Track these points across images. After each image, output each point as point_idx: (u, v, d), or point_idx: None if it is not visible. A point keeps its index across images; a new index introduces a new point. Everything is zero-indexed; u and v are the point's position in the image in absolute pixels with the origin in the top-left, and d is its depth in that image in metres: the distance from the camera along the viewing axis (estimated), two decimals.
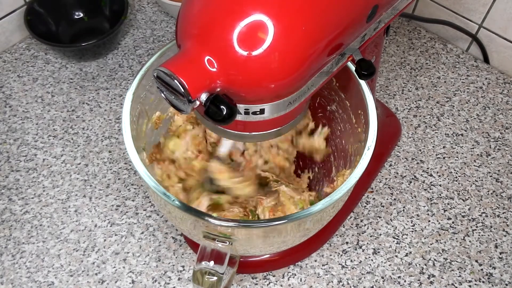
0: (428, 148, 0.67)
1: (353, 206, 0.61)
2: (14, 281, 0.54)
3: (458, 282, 0.55)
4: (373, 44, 0.49)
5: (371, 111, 0.43)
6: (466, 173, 0.64)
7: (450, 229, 0.59)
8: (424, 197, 0.62)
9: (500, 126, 0.69)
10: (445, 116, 0.71)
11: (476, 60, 0.78)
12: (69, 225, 0.59)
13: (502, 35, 0.74)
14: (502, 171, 0.65)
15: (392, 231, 0.59)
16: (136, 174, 0.63)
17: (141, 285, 0.54)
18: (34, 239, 0.57)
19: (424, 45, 0.80)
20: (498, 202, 0.62)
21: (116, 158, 0.65)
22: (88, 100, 0.71)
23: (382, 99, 0.73)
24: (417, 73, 0.76)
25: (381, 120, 0.47)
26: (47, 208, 0.60)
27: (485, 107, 0.72)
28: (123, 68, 0.76)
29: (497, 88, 0.74)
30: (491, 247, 0.58)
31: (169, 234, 0.58)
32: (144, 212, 0.60)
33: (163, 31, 0.81)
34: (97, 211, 0.60)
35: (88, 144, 0.66)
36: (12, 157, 0.65)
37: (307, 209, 0.38)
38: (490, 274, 0.56)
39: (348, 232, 0.59)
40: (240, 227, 0.39)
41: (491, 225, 0.59)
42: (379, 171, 0.64)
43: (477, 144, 0.68)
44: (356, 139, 0.47)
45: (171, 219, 0.50)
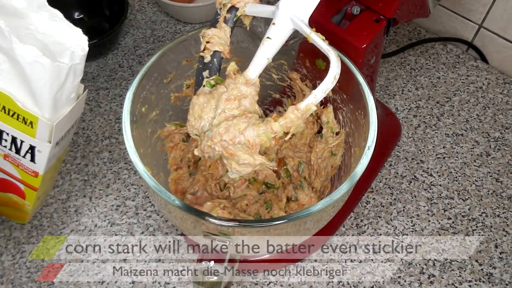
0: (428, 148, 0.67)
1: (353, 206, 0.61)
2: (14, 281, 0.54)
3: (458, 282, 0.55)
4: (373, 44, 0.49)
5: (371, 111, 0.43)
6: (466, 173, 0.64)
7: (450, 229, 0.59)
8: (424, 197, 0.62)
9: (500, 126, 0.69)
10: (445, 116, 0.71)
11: (476, 60, 0.78)
12: (69, 225, 0.59)
13: (502, 35, 0.74)
14: (502, 171, 0.65)
15: (392, 231, 0.59)
16: (136, 174, 0.63)
17: (141, 285, 0.54)
18: (34, 239, 0.57)
19: (424, 45, 0.80)
20: (498, 202, 0.62)
21: (116, 158, 0.65)
22: (88, 100, 0.71)
23: (382, 99, 0.73)
24: (417, 73, 0.76)
25: (381, 120, 0.47)
26: (47, 208, 0.60)
27: (485, 107, 0.72)
28: (123, 68, 0.76)
29: (497, 88, 0.74)
30: (491, 247, 0.58)
31: (169, 234, 0.58)
32: (144, 212, 0.60)
33: (163, 31, 0.81)
34: (97, 211, 0.60)
35: (88, 144, 0.66)
36: None
37: (307, 209, 0.38)
38: (490, 274, 0.56)
39: (348, 232, 0.59)
40: (240, 227, 0.39)
41: (491, 225, 0.59)
42: (379, 171, 0.64)
43: (477, 144, 0.68)
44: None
45: (171, 219, 0.50)
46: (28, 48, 0.39)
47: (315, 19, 0.40)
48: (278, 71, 0.55)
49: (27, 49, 0.39)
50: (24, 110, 0.43)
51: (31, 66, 0.40)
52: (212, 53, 0.43)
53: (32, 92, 0.42)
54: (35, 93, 0.42)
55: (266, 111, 0.60)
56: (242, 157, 0.38)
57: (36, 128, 0.44)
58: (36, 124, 0.44)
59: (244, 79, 0.40)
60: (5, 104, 0.43)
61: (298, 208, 0.53)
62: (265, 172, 0.56)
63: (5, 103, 0.43)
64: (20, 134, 0.45)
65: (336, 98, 0.50)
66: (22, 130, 0.45)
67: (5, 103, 0.43)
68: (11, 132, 0.45)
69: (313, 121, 0.55)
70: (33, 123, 0.44)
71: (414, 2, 0.52)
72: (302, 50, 0.51)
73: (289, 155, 0.57)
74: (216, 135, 0.39)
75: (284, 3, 0.39)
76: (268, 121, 0.38)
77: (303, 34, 0.39)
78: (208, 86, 0.43)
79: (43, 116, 0.43)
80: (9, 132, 0.45)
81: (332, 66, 0.36)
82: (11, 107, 0.43)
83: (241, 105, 0.40)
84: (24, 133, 0.45)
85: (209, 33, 0.43)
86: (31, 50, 0.39)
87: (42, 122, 0.43)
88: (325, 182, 0.53)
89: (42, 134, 0.44)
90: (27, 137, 0.45)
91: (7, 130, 0.45)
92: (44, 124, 0.44)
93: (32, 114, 0.43)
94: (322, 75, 0.37)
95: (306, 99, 0.36)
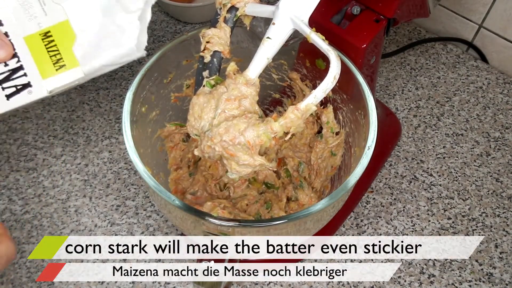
0: (428, 148, 0.67)
1: (353, 206, 0.61)
2: (14, 281, 0.54)
3: (458, 282, 0.55)
4: (373, 44, 0.49)
5: (371, 111, 0.43)
6: (466, 173, 0.64)
7: (450, 229, 0.59)
8: (424, 197, 0.62)
9: (500, 126, 0.69)
10: (445, 116, 0.71)
11: (476, 60, 0.78)
12: (69, 225, 0.59)
13: (502, 35, 0.74)
14: (502, 171, 0.65)
15: (392, 231, 0.59)
16: (136, 174, 0.63)
17: (141, 285, 0.54)
18: (34, 239, 0.57)
19: (424, 45, 0.80)
20: (498, 202, 0.62)
21: (116, 158, 0.65)
22: (88, 100, 0.71)
23: (382, 99, 0.73)
24: (417, 73, 0.76)
25: (381, 120, 0.47)
26: (47, 208, 0.60)
27: (485, 107, 0.72)
28: (123, 68, 0.75)
29: (497, 88, 0.74)
30: (491, 247, 0.58)
31: (169, 234, 0.58)
32: (144, 212, 0.60)
33: (163, 31, 0.81)
34: (97, 211, 0.60)
35: (88, 144, 0.66)
36: (12, 157, 0.65)
37: (307, 209, 0.38)
38: (490, 274, 0.56)
39: (348, 232, 0.59)
40: (240, 227, 0.39)
41: (491, 225, 0.59)
42: (379, 171, 0.64)
43: (477, 144, 0.68)
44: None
45: (171, 219, 0.50)
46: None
47: (315, 19, 0.40)
48: (278, 71, 0.55)
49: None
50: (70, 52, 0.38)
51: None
52: (212, 53, 0.43)
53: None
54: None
55: (266, 111, 0.60)
56: (242, 158, 0.38)
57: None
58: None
59: (244, 79, 0.40)
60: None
61: (298, 208, 0.53)
62: (265, 172, 0.56)
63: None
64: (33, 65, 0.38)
65: (336, 98, 0.50)
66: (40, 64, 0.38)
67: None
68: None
69: (313, 121, 0.55)
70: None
71: (414, 2, 0.52)
72: (302, 50, 0.51)
73: (289, 155, 0.57)
74: (216, 135, 0.39)
75: (284, 3, 0.39)
76: (268, 121, 0.38)
77: (303, 34, 0.39)
78: (208, 86, 0.43)
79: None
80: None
81: (332, 66, 0.36)
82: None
83: (241, 105, 0.40)
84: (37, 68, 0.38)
85: (209, 33, 0.43)
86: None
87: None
88: (325, 182, 0.53)
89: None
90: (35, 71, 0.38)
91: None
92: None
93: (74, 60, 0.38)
94: (322, 75, 0.37)
95: (306, 99, 0.36)
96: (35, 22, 0.38)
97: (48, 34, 0.38)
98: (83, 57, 0.38)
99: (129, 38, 0.40)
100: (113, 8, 0.39)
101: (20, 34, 0.37)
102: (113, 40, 0.39)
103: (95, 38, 0.39)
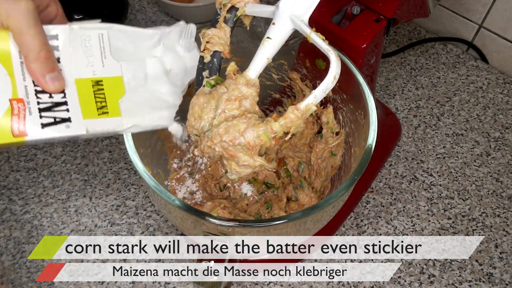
0: (428, 148, 0.67)
1: (353, 206, 0.61)
2: (14, 281, 0.54)
3: (458, 282, 0.55)
4: (373, 44, 0.49)
5: (371, 111, 0.43)
6: (466, 173, 0.64)
7: (450, 229, 0.59)
8: (424, 197, 0.62)
9: (500, 126, 0.69)
10: (445, 116, 0.71)
11: (476, 60, 0.78)
12: (69, 225, 0.59)
13: (502, 35, 0.74)
14: (502, 171, 0.65)
15: (392, 231, 0.59)
16: (136, 174, 0.63)
17: (141, 285, 0.54)
18: (34, 239, 0.57)
19: (424, 45, 0.80)
20: (498, 202, 0.62)
21: (116, 158, 0.65)
22: None
23: (382, 99, 0.73)
24: (417, 73, 0.76)
25: (381, 120, 0.47)
26: (47, 208, 0.60)
27: (485, 107, 0.72)
28: None
29: (497, 88, 0.74)
30: (491, 247, 0.58)
31: (169, 234, 0.58)
32: (144, 212, 0.60)
33: None
34: (97, 211, 0.60)
35: (88, 144, 0.66)
36: (12, 157, 0.65)
37: (307, 209, 0.38)
38: (490, 274, 0.56)
39: (348, 232, 0.59)
40: (240, 227, 0.39)
41: (491, 225, 0.59)
42: (379, 171, 0.64)
43: (477, 144, 0.68)
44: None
45: (171, 219, 0.50)
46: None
47: (315, 19, 0.40)
48: (278, 71, 0.55)
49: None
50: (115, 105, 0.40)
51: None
52: (212, 53, 0.43)
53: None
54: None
55: (266, 111, 0.60)
56: (242, 159, 0.38)
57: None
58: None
59: (245, 79, 0.40)
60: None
61: (298, 208, 0.53)
62: (265, 172, 0.56)
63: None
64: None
65: (336, 98, 0.50)
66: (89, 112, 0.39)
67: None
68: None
69: (313, 121, 0.55)
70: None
71: (414, 2, 0.52)
72: (302, 50, 0.51)
73: (289, 155, 0.57)
74: (216, 136, 0.39)
75: (284, 3, 0.39)
76: (268, 121, 0.38)
77: (303, 34, 0.39)
78: (208, 86, 0.43)
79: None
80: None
81: (332, 66, 0.36)
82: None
83: (241, 105, 0.40)
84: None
85: (209, 33, 0.43)
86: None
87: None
88: (325, 182, 0.53)
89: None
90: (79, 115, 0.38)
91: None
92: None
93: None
94: (322, 75, 0.37)
95: (306, 99, 0.36)
96: (90, 70, 0.39)
97: (100, 83, 0.39)
98: (125, 110, 0.40)
99: (168, 110, 0.43)
100: (162, 79, 0.42)
101: (73, 75, 0.38)
102: (155, 106, 0.42)
103: (140, 99, 0.41)
